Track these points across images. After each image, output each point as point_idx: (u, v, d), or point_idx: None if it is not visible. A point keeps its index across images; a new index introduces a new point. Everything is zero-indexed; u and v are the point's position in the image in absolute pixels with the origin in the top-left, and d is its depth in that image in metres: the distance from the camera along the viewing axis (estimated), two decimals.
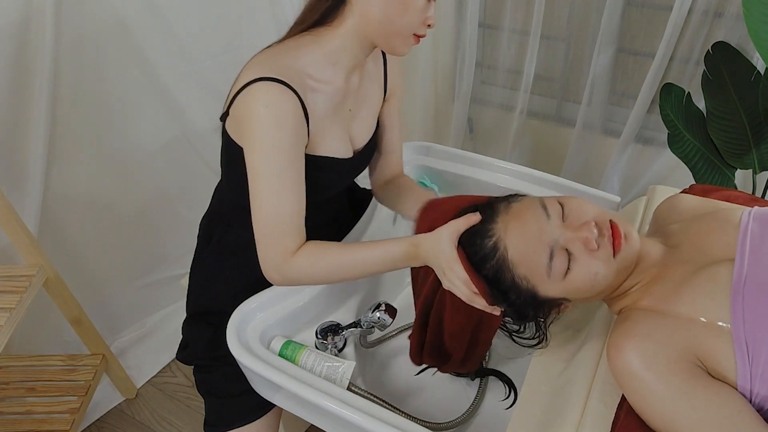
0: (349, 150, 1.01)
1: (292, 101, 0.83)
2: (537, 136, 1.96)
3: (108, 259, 1.65)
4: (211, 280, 1.09)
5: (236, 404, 1.03)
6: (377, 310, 0.97)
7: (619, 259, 0.77)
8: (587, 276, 0.77)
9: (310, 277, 0.90)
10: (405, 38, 0.88)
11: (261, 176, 0.85)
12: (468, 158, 1.26)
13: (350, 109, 0.99)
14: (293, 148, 0.85)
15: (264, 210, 0.86)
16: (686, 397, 0.67)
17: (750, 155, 1.42)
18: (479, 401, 1.04)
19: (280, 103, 0.82)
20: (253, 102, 0.83)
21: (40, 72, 1.29)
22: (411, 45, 0.90)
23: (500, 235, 0.80)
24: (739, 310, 0.69)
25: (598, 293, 0.81)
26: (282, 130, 0.83)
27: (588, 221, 0.78)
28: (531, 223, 0.80)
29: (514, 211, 0.82)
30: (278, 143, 0.83)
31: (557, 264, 0.77)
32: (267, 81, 0.82)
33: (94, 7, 1.35)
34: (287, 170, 0.85)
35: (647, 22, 1.59)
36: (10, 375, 1.49)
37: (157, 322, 1.82)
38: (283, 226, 0.86)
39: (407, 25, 0.86)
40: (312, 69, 0.89)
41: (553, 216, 0.80)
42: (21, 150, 1.35)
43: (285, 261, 0.87)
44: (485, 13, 1.84)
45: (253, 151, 0.85)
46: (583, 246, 0.77)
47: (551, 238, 0.78)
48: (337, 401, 0.82)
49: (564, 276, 0.78)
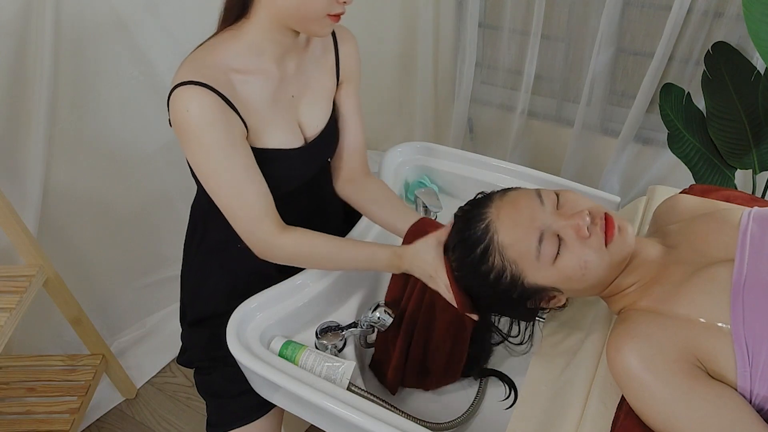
0: (299, 138, 0.99)
1: (211, 99, 0.84)
2: (537, 136, 1.96)
3: (108, 259, 1.65)
4: (199, 286, 1.10)
5: (237, 404, 1.03)
6: (377, 310, 0.97)
7: (611, 249, 0.77)
8: (577, 263, 0.77)
9: (294, 258, 0.94)
10: (319, 21, 0.87)
11: (211, 177, 0.88)
12: (468, 158, 1.26)
13: (293, 96, 0.98)
14: (229, 139, 0.86)
15: (230, 206, 0.89)
16: (686, 397, 0.67)
17: (750, 155, 1.42)
18: (479, 401, 1.04)
19: (200, 103, 0.83)
20: (176, 110, 0.84)
21: (40, 71, 1.29)
22: (329, 25, 0.89)
23: (492, 219, 0.82)
24: (739, 310, 0.69)
25: (591, 286, 0.81)
26: (211, 126, 0.84)
27: (582, 210, 0.79)
28: (524, 208, 0.81)
29: (508, 198, 0.84)
30: (212, 141, 0.85)
31: (547, 248, 0.78)
32: (183, 86, 0.83)
33: (94, 7, 1.35)
34: (232, 162, 0.87)
35: (647, 22, 1.59)
36: (10, 375, 1.49)
37: (157, 322, 1.82)
38: (254, 212, 0.89)
39: (317, 9, 0.85)
40: (236, 62, 0.90)
41: (547, 204, 0.81)
42: (21, 150, 1.35)
43: (271, 242, 0.91)
44: (485, 13, 1.84)
45: (193, 155, 0.87)
46: (574, 232, 0.77)
47: (542, 223, 0.79)
48: (337, 401, 0.82)
49: (553, 261, 0.78)
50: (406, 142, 1.30)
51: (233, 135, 0.87)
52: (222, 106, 0.85)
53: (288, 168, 0.99)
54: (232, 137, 0.87)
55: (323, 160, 1.09)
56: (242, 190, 0.88)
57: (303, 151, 1.00)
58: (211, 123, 0.84)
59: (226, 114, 0.86)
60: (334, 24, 0.89)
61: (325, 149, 1.07)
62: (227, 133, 0.86)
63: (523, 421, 0.84)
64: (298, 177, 1.03)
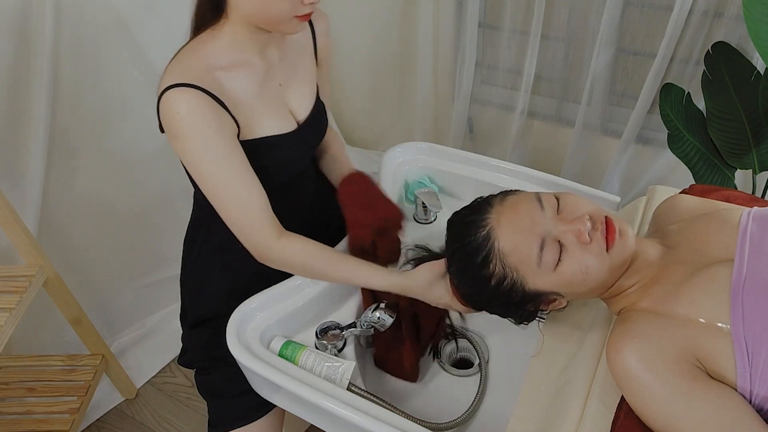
0: (292, 122, 1.01)
1: (201, 99, 0.84)
2: (537, 136, 1.96)
3: (108, 259, 1.65)
4: (201, 286, 1.10)
5: (238, 404, 1.03)
6: (377, 310, 0.97)
7: (612, 254, 0.77)
8: (578, 269, 0.77)
9: (292, 264, 0.96)
10: (287, 22, 0.87)
11: (207, 180, 0.88)
12: (468, 158, 1.26)
13: (280, 84, 1.00)
14: (221, 140, 0.86)
15: (229, 210, 0.90)
16: (685, 398, 0.67)
17: (750, 155, 1.42)
18: (479, 401, 1.04)
19: (189, 104, 0.83)
20: (166, 113, 0.84)
21: (39, 72, 1.29)
22: (298, 25, 0.89)
23: (493, 225, 0.81)
24: (738, 310, 0.69)
25: (591, 290, 0.81)
26: (202, 127, 0.84)
27: (582, 215, 0.78)
28: (524, 213, 0.80)
29: (508, 203, 0.83)
30: (205, 141, 0.85)
31: (548, 255, 0.77)
32: (172, 89, 0.83)
33: (94, 7, 1.35)
34: (228, 162, 0.87)
35: (647, 22, 1.59)
36: (10, 375, 1.49)
37: (157, 322, 1.82)
38: (252, 215, 0.90)
39: (281, 12, 0.85)
40: (220, 60, 0.91)
41: (548, 208, 0.80)
42: (21, 150, 1.35)
43: (270, 245, 0.92)
44: (485, 13, 1.84)
45: (187, 158, 0.87)
46: (575, 238, 0.77)
47: (543, 229, 0.78)
48: (337, 401, 0.82)
49: (554, 268, 0.78)
50: (406, 142, 1.30)
51: (225, 134, 0.87)
52: (212, 105, 0.86)
53: (287, 151, 1.00)
54: (225, 137, 0.87)
55: (316, 140, 1.10)
56: (239, 192, 0.88)
57: (297, 134, 1.01)
58: (202, 124, 0.84)
59: (217, 113, 0.86)
60: (304, 22, 0.89)
61: (316, 127, 1.08)
62: (219, 133, 0.86)
63: (523, 421, 0.84)
64: (298, 159, 1.05)
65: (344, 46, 2.10)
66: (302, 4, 0.85)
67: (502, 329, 1.13)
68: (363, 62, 2.15)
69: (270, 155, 0.96)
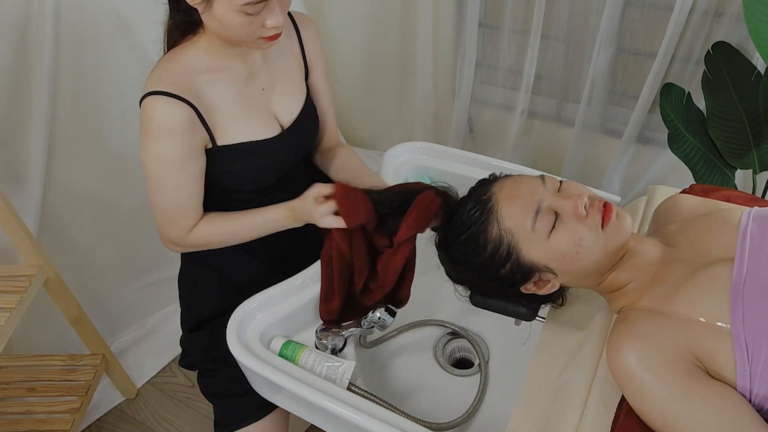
0: (276, 127, 1.02)
1: (177, 108, 0.88)
2: (537, 136, 1.96)
3: (108, 259, 1.65)
4: (196, 290, 1.11)
5: (242, 403, 1.03)
6: (377, 310, 0.97)
7: (607, 232, 0.79)
8: (571, 239, 0.79)
9: (207, 245, 1.02)
10: (254, 43, 0.90)
11: (149, 177, 0.94)
12: (468, 158, 1.26)
13: (263, 89, 1.01)
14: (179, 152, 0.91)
15: (154, 203, 0.96)
16: (685, 397, 0.67)
17: (750, 155, 1.42)
18: (479, 401, 1.04)
19: (164, 116, 0.88)
20: (142, 118, 0.90)
21: (40, 72, 1.29)
22: (266, 44, 0.91)
23: (494, 192, 0.86)
24: (738, 310, 0.69)
25: (585, 271, 0.81)
26: (166, 140, 0.90)
27: (581, 193, 0.82)
28: (525, 185, 0.84)
29: (512, 177, 0.88)
30: (162, 152, 0.91)
31: (542, 221, 0.80)
32: (152, 96, 0.88)
33: (94, 7, 1.35)
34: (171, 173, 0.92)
35: (647, 22, 1.59)
36: (10, 375, 1.49)
37: (157, 322, 1.82)
38: (170, 215, 0.96)
39: (244, 37, 0.88)
40: (200, 64, 0.93)
41: (549, 185, 0.84)
42: (21, 149, 1.35)
43: (182, 237, 0.98)
44: (485, 13, 1.84)
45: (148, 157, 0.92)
46: (571, 210, 0.80)
47: (541, 198, 0.82)
48: (337, 401, 0.82)
49: (548, 235, 0.79)
50: (406, 142, 1.30)
51: (190, 147, 0.92)
52: (188, 115, 0.89)
53: (268, 156, 1.02)
54: (187, 149, 0.92)
55: (303, 146, 1.11)
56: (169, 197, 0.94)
57: (281, 139, 1.03)
58: (170, 136, 0.89)
59: (189, 125, 0.90)
60: (273, 42, 0.91)
61: (303, 133, 1.09)
62: (183, 146, 0.91)
63: (523, 421, 0.84)
64: (282, 163, 1.06)
65: (344, 46, 2.10)
66: (263, 27, 0.87)
67: (502, 329, 1.13)
68: (363, 62, 2.14)
69: (248, 160, 0.99)
